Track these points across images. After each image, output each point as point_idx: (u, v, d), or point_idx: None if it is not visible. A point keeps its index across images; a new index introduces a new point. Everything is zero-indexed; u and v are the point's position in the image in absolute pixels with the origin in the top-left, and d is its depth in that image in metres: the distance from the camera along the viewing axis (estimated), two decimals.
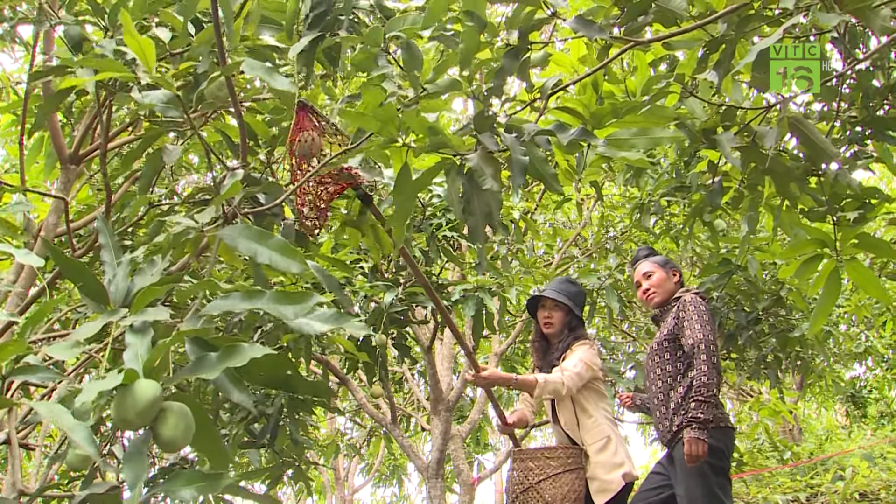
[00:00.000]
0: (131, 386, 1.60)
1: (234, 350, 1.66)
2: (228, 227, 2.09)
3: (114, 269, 1.96)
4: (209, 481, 1.65)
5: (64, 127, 4.69)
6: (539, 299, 4.46)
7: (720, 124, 3.33)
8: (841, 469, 8.39)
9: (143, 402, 1.58)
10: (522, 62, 2.80)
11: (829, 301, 3.45)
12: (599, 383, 4.25)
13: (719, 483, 3.73)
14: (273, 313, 1.77)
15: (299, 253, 1.97)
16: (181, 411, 1.67)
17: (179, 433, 1.65)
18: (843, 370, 13.24)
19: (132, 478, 1.60)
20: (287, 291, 1.78)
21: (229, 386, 1.79)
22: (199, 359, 1.69)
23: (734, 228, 6.95)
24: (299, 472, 5.54)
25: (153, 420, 1.64)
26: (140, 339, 1.71)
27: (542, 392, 3.96)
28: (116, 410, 1.59)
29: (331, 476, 14.83)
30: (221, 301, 1.81)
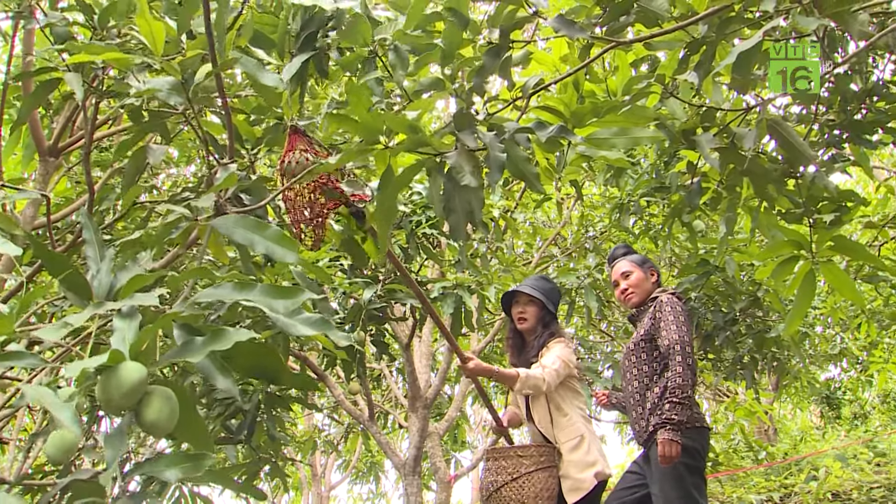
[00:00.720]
0: (117, 368, 1.60)
1: (220, 334, 1.67)
2: (223, 217, 2.09)
3: (97, 263, 1.95)
4: (193, 462, 1.66)
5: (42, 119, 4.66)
6: (513, 295, 4.47)
7: (700, 125, 3.34)
8: (814, 469, 8.45)
9: (129, 384, 1.59)
10: (504, 60, 2.80)
11: (804, 303, 3.47)
12: (575, 381, 4.26)
13: (695, 483, 3.75)
14: (263, 306, 1.77)
15: (296, 243, 1.98)
16: (166, 395, 1.67)
17: (164, 416, 1.65)
18: (818, 371, 13.36)
19: (110, 455, 1.61)
20: (279, 286, 1.79)
21: (214, 372, 1.79)
22: (185, 342, 1.70)
23: (712, 229, 6.99)
24: (276, 469, 5.53)
25: (138, 403, 1.64)
26: (128, 324, 1.71)
27: (524, 386, 3.97)
28: (101, 391, 1.59)
29: (308, 472, 14.82)
30: (213, 290, 1.81)
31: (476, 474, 20.02)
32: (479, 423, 19.83)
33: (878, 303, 8.80)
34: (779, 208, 3.52)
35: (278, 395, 4.87)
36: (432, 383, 7.56)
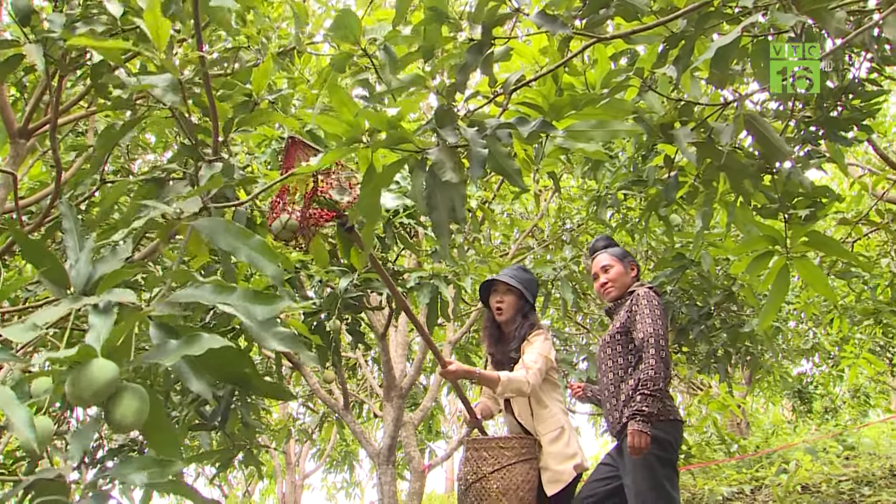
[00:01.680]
0: (88, 364, 1.58)
1: (194, 339, 1.65)
2: (207, 220, 2.06)
3: (76, 253, 1.93)
4: (160, 467, 1.65)
5: (17, 101, 4.61)
6: (491, 285, 4.47)
7: (677, 119, 3.36)
8: (785, 462, 8.54)
9: (100, 382, 1.57)
10: (486, 57, 2.80)
11: (778, 298, 3.50)
12: (554, 373, 4.29)
13: (667, 475, 3.78)
14: (241, 313, 1.75)
15: (278, 255, 1.96)
16: (137, 392, 1.65)
17: (130, 414, 1.63)
18: (790, 366, 13.47)
19: (75, 450, 1.60)
20: (258, 291, 1.77)
21: (189, 375, 1.78)
22: (159, 345, 1.68)
23: (689, 224, 7.03)
24: (250, 456, 5.52)
25: (108, 400, 1.63)
26: (103, 320, 1.69)
27: (505, 390, 3.97)
28: (71, 387, 1.57)
29: (282, 461, 14.80)
30: (192, 290, 1.79)
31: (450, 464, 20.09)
32: (454, 414, 19.88)
33: (850, 299, 8.89)
34: (755, 203, 3.55)
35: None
36: (408, 373, 7.56)
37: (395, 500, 6.99)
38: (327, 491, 22.26)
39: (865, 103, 3.55)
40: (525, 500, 3.95)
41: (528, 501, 3.95)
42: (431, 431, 13.77)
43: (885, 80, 3.85)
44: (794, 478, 7.31)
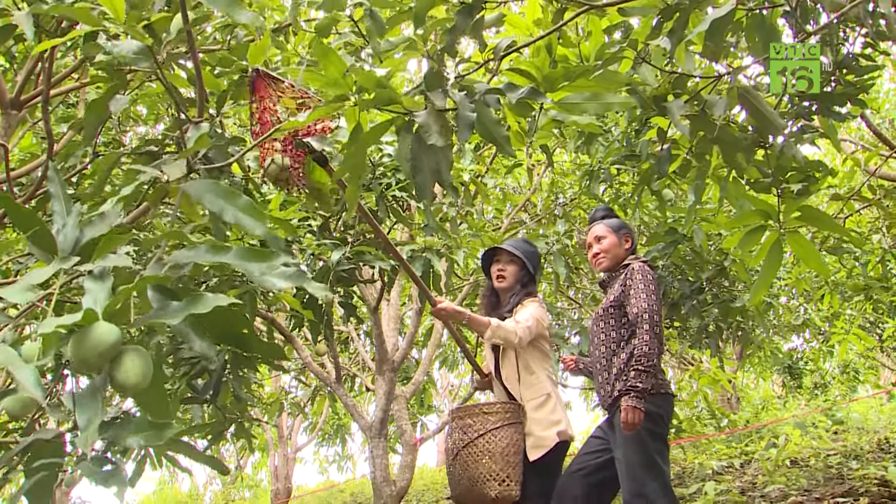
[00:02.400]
0: (91, 327, 1.58)
1: (199, 298, 1.67)
2: (195, 182, 2.07)
3: (63, 218, 1.92)
4: (156, 430, 1.65)
5: (7, 72, 4.57)
6: (494, 254, 4.48)
7: (671, 92, 3.34)
8: (774, 437, 8.58)
9: (105, 345, 1.57)
10: (476, 21, 2.78)
11: (770, 272, 3.50)
12: (545, 343, 4.29)
13: (657, 448, 3.79)
14: (239, 269, 1.78)
15: (266, 215, 1.96)
16: (139, 354, 1.66)
17: (138, 376, 1.63)
18: (781, 342, 13.54)
19: (85, 420, 1.59)
20: (254, 248, 1.78)
21: (192, 335, 1.80)
22: (162, 305, 1.69)
23: (682, 199, 7.03)
24: (242, 429, 5.53)
25: (111, 363, 1.63)
26: (100, 285, 1.70)
27: (493, 335, 3.99)
28: (75, 351, 1.57)
29: (274, 434, 14.85)
30: (187, 252, 1.80)
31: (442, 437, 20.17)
32: (446, 388, 19.97)
33: (841, 274, 8.91)
34: (747, 178, 3.54)
35: (245, 356, 4.85)
36: (400, 347, 7.57)
37: (388, 473, 7.02)
38: (319, 464, 22.39)
39: (859, 79, 3.54)
40: (511, 463, 3.97)
41: (514, 464, 3.97)
42: (423, 405, 13.84)
43: (880, 55, 3.83)
44: (783, 452, 7.34)
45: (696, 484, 6.79)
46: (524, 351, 4.19)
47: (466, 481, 4.02)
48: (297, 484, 18.16)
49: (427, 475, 16.34)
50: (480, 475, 3.97)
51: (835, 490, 5.95)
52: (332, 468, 22.06)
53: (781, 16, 3.27)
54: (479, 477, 3.97)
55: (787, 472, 6.80)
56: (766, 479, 6.60)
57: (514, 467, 3.98)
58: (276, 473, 14.50)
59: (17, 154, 5.05)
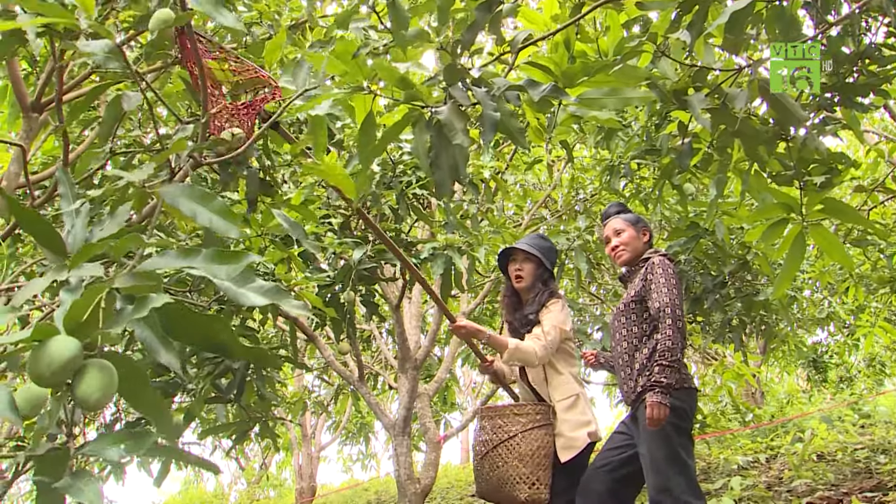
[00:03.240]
0: (47, 343, 1.54)
1: (143, 301, 1.61)
2: (171, 186, 2.00)
3: (72, 219, 1.91)
4: (135, 440, 1.62)
5: (29, 76, 4.61)
6: (510, 254, 4.46)
7: (691, 86, 3.33)
8: (800, 431, 8.54)
9: (59, 360, 1.53)
10: (494, 15, 2.77)
11: (793, 266, 3.48)
12: (570, 344, 4.28)
13: (682, 443, 3.78)
14: (206, 273, 1.70)
15: (238, 217, 1.92)
16: (101, 368, 1.61)
17: (97, 392, 1.58)
18: (805, 335, 13.45)
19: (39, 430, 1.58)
20: (223, 250, 1.71)
21: (156, 344, 1.75)
22: (117, 312, 1.64)
23: (703, 193, 6.99)
24: (266, 428, 5.55)
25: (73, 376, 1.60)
26: (71, 296, 1.65)
27: (512, 357, 3.99)
28: (31, 367, 1.53)
29: (298, 433, 14.90)
30: (156, 259, 1.74)
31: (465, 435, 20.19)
32: (469, 385, 19.96)
33: (865, 267, 8.83)
34: (769, 171, 3.52)
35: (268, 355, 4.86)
36: (422, 344, 7.58)
37: (412, 471, 7.03)
38: (343, 463, 22.45)
39: (882, 69, 3.50)
40: (541, 466, 3.96)
41: (544, 466, 3.97)
42: (446, 403, 13.83)
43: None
44: (809, 446, 7.31)
45: (722, 479, 6.76)
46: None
47: (495, 481, 4.02)
48: (321, 483, 18.24)
49: (451, 472, 16.35)
50: (510, 477, 3.97)
51: (863, 485, 5.90)
52: (355, 467, 22.12)
53: (802, 6, 3.25)
54: (508, 479, 3.97)
55: (814, 467, 6.76)
56: (793, 474, 6.56)
57: (545, 470, 3.98)
58: (301, 472, 14.56)
59: (38, 157, 5.08)
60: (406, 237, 5.56)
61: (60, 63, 3.22)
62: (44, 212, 4.00)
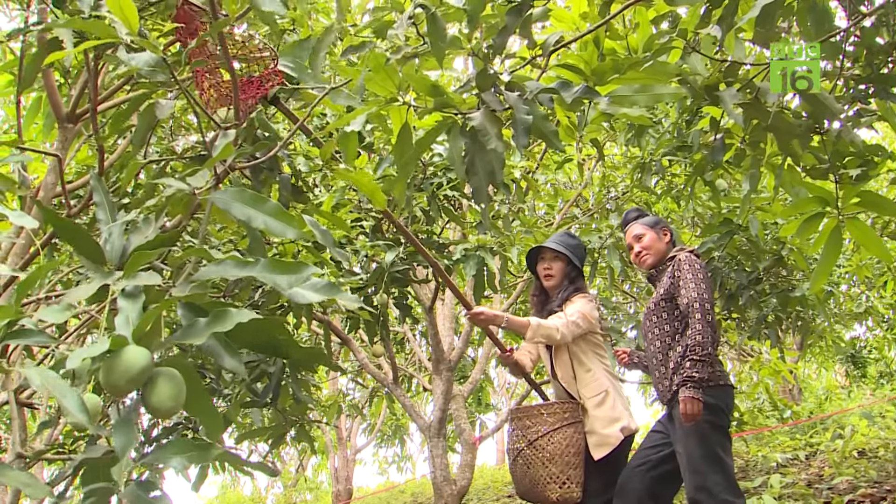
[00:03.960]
0: (121, 352, 1.58)
1: (223, 315, 1.64)
2: (221, 191, 2.04)
3: (109, 227, 1.93)
4: (199, 451, 1.64)
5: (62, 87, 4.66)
6: (539, 253, 4.46)
7: (722, 81, 3.30)
8: (840, 428, 8.43)
9: (134, 370, 1.57)
10: (525, 19, 2.76)
11: (829, 260, 3.44)
12: (598, 337, 4.27)
13: (719, 441, 3.75)
14: (267, 282, 1.74)
15: (295, 217, 1.93)
16: (171, 377, 1.65)
17: (170, 400, 1.62)
18: (843, 330, 13.28)
19: (121, 445, 1.60)
20: (281, 260, 1.74)
21: (220, 351, 1.78)
22: (188, 325, 1.67)
23: (735, 188, 6.93)
24: (302, 432, 5.57)
25: (144, 386, 1.63)
26: (131, 304, 1.68)
27: (535, 335, 3.97)
28: (105, 377, 1.57)
29: (333, 436, 14.95)
30: (213, 267, 1.77)
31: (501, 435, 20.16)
32: (503, 385, 19.92)
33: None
34: (803, 164, 3.48)
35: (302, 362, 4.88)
36: (456, 346, 7.57)
37: (447, 472, 7.03)
38: (379, 465, 22.52)
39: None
40: (572, 464, 3.95)
41: (574, 465, 3.95)
42: (481, 403, 13.84)
43: None
44: (849, 443, 7.22)
45: (761, 477, 6.70)
46: (576, 348, 4.17)
47: (528, 482, 4.03)
48: (357, 485, 18.28)
49: (487, 473, 16.33)
50: (541, 477, 3.96)
51: None
52: (391, 469, 22.17)
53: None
54: (539, 479, 3.96)
55: (855, 464, 6.67)
56: (834, 471, 6.49)
57: (575, 468, 3.96)
58: (337, 475, 14.60)
59: (73, 167, 5.14)
60: (438, 239, 5.56)
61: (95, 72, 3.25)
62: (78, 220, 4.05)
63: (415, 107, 2.54)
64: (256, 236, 2.48)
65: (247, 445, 11.36)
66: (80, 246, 1.83)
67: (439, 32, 2.53)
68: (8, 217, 1.82)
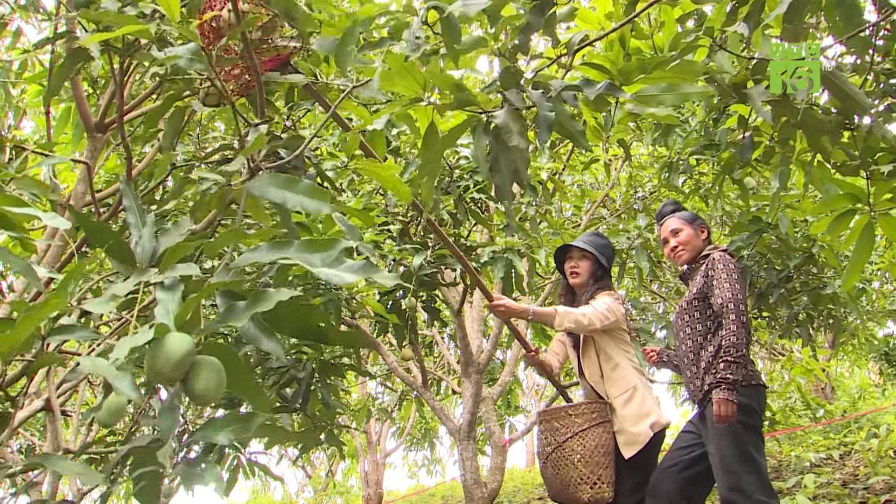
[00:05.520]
0: (163, 340, 1.61)
1: (262, 296, 1.66)
2: (255, 179, 2.08)
3: (139, 230, 1.96)
4: (242, 423, 1.68)
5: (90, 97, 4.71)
6: (566, 251, 4.46)
7: (750, 78, 3.28)
8: (875, 426, 8.33)
9: (177, 356, 1.60)
10: (548, 17, 2.76)
11: (862, 257, 3.41)
12: (624, 334, 4.26)
13: (752, 441, 3.72)
14: (300, 262, 1.75)
15: (328, 194, 1.95)
16: (213, 365, 1.68)
17: (212, 386, 1.65)
18: (876, 328, 13.14)
19: (165, 430, 1.63)
20: (314, 239, 1.76)
21: (259, 334, 1.80)
22: (228, 308, 1.70)
23: (764, 186, 6.88)
24: (332, 436, 5.59)
25: (186, 374, 1.65)
26: (171, 295, 1.72)
27: (563, 322, 3.96)
28: (150, 364, 1.60)
29: (363, 440, 14.97)
30: (250, 253, 1.80)
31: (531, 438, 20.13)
32: (532, 388, 19.88)
33: None
34: (833, 161, 3.45)
35: (332, 363, 4.91)
36: (484, 348, 7.56)
37: (478, 475, 7.02)
38: (409, 468, 22.53)
39: None
40: (601, 465, 3.93)
41: (604, 465, 3.94)
42: (510, 406, 13.82)
43: None
44: (885, 442, 7.13)
45: (795, 477, 6.64)
46: (604, 343, 4.16)
47: (559, 484, 4.02)
48: (387, 489, 18.31)
49: (517, 476, 16.30)
50: (571, 479, 3.95)
51: None
52: (421, 472, 22.19)
53: None
54: (570, 481, 3.95)
55: (892, 463, 6.59)
56: (869, 471, 6.41)
57: (605, 468, 3.94)
58: (367, 479, 14.62)
59: (102, 175, 5.19)
60: (465, 241, 5.56)
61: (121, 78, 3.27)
62: None
63: (439, 105, 2.54)
64: (292, 227, 2.50)
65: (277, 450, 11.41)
66: (112, 249, 1.86)
67: (454, 34, 2.52)
68: (41, 218, 1.84)
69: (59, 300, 1.59)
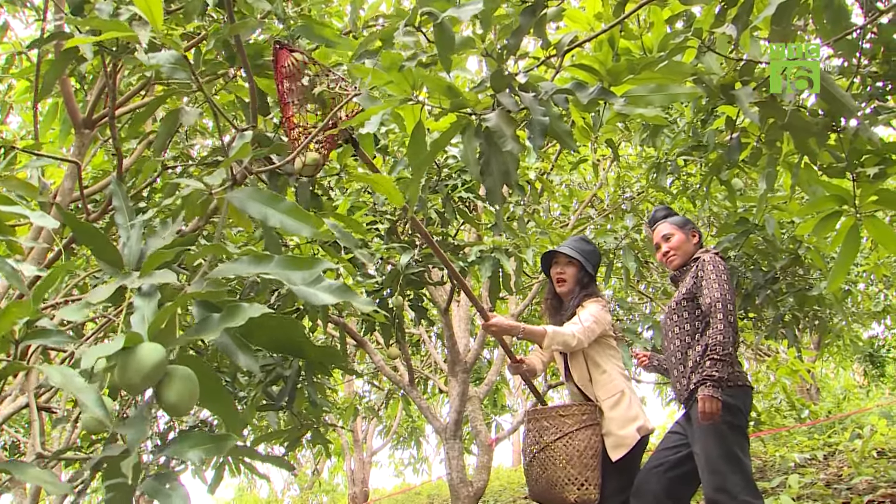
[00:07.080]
0: (135, 349, 1.58)
1: (235, 310, 1.63)
2: (238, 190, 2.04)
3: (127, 231, 1.94)
4: (216, 443, 1.64)
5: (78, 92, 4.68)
6: (553, 256, 4.47)
7: (738, 80, 3.29)
8: (859, 427, 8.38)
9: (148, 366, 1.56)
10: (539, 19, 2.75)
11: (847, 259, 3.42)
12: (611, 340, 4.27)
13: (737, 441, 3.74)
14: (281, 279, 1.73)
15: (311, 216, 1.93)
16: (186, 375, 1.65)
17: (184, 397, 1.63)
18: (861, 329, 13.21)
19: (131, 440, 1.60)
20: (296, 256, 1.74)
21: (234, 349, 1.78)
22: (202, 320, 1.67)
23: (751, 188, 6.90)
24: (318, 435, 5.58)
25: (158, 384, 1.63)
26: (147, 303, 1.69)
27: (552, 342, 3.98)
28: (120, 374, 1.57)
29: (349, 438, 14.98)
30: (230, 265, 1.78)
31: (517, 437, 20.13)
32: (519, 387, 19.91)
33: None
34: (820, 163, 3.47)
35: (318, 361, 4.89)
36: (471, 347, 7.56)
37: (464, 474, 7.03)
38: (395, 467, 22.54)
39: None
40: (589, 466, 3.94)
41: (592, 467, 3.95)
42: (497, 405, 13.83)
43: None
44: (868, 443, 7.17)
45: (779, 477, 6.67)
46: (592, 350, 4.17)
47: (545, 483, 4.02)
48: (373, 487, 18.30)
49: (503, 475, 16.31)
50: (558, 479, 3.95)
51: None
52: (407, 471, 22.21)
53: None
54: (557, 480, 3.96)
55: (875, 464, 6.63)
56: (853, 471, 6.45)
57: (593, 470, 3.95)
58: (353, 477, 14.63)
59: (89, 172, 5.16)
60: (453, 241, 5.56)
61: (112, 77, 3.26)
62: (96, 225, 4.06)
63: (429, 107, 2.54)
64: (273, 237, 2.48)
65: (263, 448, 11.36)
66: (99, 249, 1.84)
67: (447, 41, 2.52)
68: (29, 217, 1.82)
69: (22, 309, 1.58)
